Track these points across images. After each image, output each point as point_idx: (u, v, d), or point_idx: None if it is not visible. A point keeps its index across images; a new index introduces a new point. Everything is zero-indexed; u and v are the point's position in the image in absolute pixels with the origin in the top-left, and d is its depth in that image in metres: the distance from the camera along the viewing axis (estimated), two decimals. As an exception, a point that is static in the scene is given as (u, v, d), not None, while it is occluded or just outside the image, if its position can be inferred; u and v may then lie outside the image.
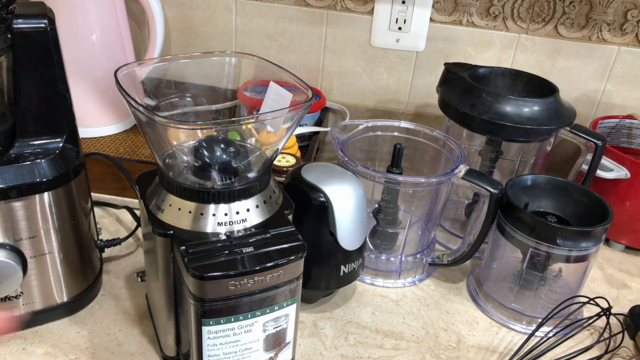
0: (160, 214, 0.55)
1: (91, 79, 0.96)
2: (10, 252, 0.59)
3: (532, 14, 0.99)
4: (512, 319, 0.74)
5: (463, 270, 0.83)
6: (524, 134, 0.78)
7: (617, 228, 0.88)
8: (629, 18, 0.97)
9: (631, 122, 0.99)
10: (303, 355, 0.66)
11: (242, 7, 1.06)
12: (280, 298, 0.55)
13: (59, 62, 0.58)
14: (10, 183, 0.56)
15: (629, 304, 0.78)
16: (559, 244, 0.68)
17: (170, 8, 1.08)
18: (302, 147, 1.00)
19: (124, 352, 0.64)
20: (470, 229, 0.76)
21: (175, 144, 0.58)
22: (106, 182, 0.86)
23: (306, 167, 0.69)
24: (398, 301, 0.76)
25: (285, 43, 1.09)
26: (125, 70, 0.58)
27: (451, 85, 0.85)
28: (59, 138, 0.60)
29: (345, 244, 0.67)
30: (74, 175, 0.61)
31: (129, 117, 1.02)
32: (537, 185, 0.76)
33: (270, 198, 0.58)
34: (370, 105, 1.12)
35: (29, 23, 0.55)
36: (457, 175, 0.73)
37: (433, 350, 0.69)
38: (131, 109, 0.53)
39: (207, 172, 0.56)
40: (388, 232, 0.80)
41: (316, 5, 1.04)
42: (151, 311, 0.68)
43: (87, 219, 0.66)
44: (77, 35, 0.92)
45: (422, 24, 1.03)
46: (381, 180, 0.75)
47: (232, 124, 0.65)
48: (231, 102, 0.71)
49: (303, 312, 0.72)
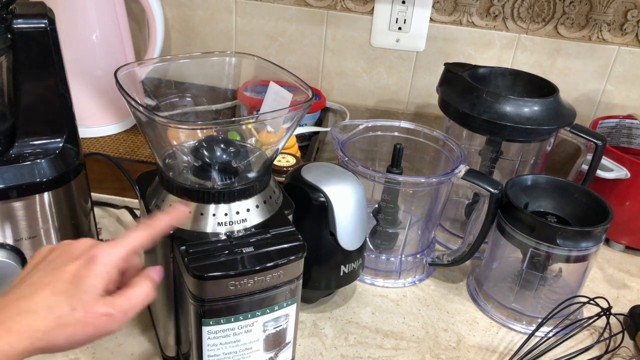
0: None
1: (91, 79, 0.95)
2: (10, 252, 0.59)
3: (532, 14, 0.99)
4: (512, 319, 0.74)
5: (463, 270, 0.83)
6: (524, 134, 0.78)
7: (617, 228, 0.88)
8: (629, 18, 0.97)
9: (631, 122, 0.99)
10: (303, 355, 0.66)
11: (242, 7, 1.06)
12: (280, 298, 0.55)
13: (59, 62, 0.58)
14: (10, 183, 0.56)
15: (629, 304, 0.78)
16: (559, 244, 0.68)
17: (170, 8, 1.08)
18: (302, 147, 1.00)
19: (124, 352, 0.64)
20: (470, 229, 0.76)
21: (175, 144, 0.58)
22: (106, 182, 0.86)
23: (306, 167, 0.69)
24: (398, 301, 0.76)
25: (285, 43, 1.09)
26: (125, 70, 0.58)
27: (451, 85, 0.85)
28: (59, 138, 0.60)
29: (345, 244, 0.67)
30: (74, 175, 0.61)
31: (129, 117, 1.02)
32: (537, 185, 0.76)
33: (270, 198, 0.58)
34: (370, 105, 1.12)
35: (29, 23, 0.55)
36: (457, 175, 0.73)
37: (433, 350, 0.69)
38: (131, 109, 0.53)
39: (207, 172, 0.56)
40: (388, 232, 0.80)
41: (316, 5, 1.04)
42: (151, 311, 0.68)
43: (87, 219, 0.66)
44: (77, 35, 0.92)
45: (422, 24, 1.03)
46: (381, 180, 0.75)
47: (232, 124, 0.65)
48: (231, 102, 0.71)
49: (303, 312, 0.72)
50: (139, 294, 0.44)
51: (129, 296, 0.44)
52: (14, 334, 0.39)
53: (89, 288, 0.42)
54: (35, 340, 0.39)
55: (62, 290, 0.41)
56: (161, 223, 0.48)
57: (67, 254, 0.44)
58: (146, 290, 0.45)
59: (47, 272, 0.43)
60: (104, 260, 0.43)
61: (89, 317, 0.41)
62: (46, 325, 0.40)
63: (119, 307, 0.42)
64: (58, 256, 0.44)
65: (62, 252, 0.44)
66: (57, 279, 0.42)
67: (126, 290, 0.44)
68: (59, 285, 0.42)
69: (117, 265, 0.44)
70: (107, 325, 0.42)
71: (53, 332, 0.40)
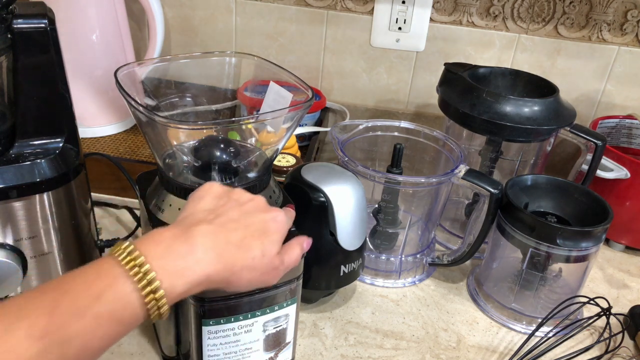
0: (160, 214, 0.55)
1: (91, 79, 0.95)
2: (10, 252, 0.59)
3: (532, 14, 0.99)
4: (512, 319, 0.74)
5: (463, 270, 0.83)
6: (524, 134, 0.78)
7: (617, 228, 0.88)
8: (629, 18, 0.97)
9: (631, 122, 0.99)
10: (303, 355, 0.66)
11: (242, 7, 1.06)
12: (280, 298, 0.55)
13: (59, 62, 0.58)
14: (10, 183, 0.56)
15: (629, 304, 0.78)
16: (559, 244, 0.68)
17: (170, 8, 1.08)
18: (302, 147, 1.00)
19: (124, 352, 0.64)
20: (470, 229, 0.76)
21: (175, 144, 0.58)
22: (106, 182, 0.86)
23: (306, 167, 0.69)
24: (398, 301, 0.76)
25: (285, 43, 1.09)
26: (125, 70, 0.58)
27: (451, 85, 0.85)
28: (59, 138, 0.60)
29: (345, 244, 0.67)
30: (74, 175, 0.61)
31: (129, 117, 1.02)
32: (537, 185, 0.76)
33: (270, 198, 0.58)
34: (370, 105, 1.12)
35: (29, 23, 0.55)
36: (457, 175, 0.73)
37: (433, 350, 0.69)
38: (131, 109, 0.53)
39: (207, 172, 0.56)
40: (388, 232, 0.80)
41: (316, 5, 1.04)
42: (151, 311, 0.68)
43: (87, 219, 0.66)
44: (77, 35, 0.92)
45: (422, 24, 1.03)
46: (381, 180, 0.75)
47: (232, 124, 0.65)
48: (231, 102, 0.71)
49: (303, 312, 0.72)
50: (296, 255, 0.50)
51: (291, 256, 0.49)
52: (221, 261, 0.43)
53: (275, 241, 0.47)
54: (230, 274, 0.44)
55: (258, 235, 0.46)
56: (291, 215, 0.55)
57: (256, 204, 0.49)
58: (300, 252, 0.51)
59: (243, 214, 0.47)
60: (285, 221, 0.49)
61: (269, 266, 0.46)
62: (243, 263, 0.44)
63: (285, 264, 0.48)
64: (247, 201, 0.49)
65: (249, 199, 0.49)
66: (253, 223, 0.47)
67: (287, 251, 0.49)
68: (256, 230, 0.46)
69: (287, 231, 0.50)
70: (274, 277, 0.48)
71: (244, 270, 0.45)
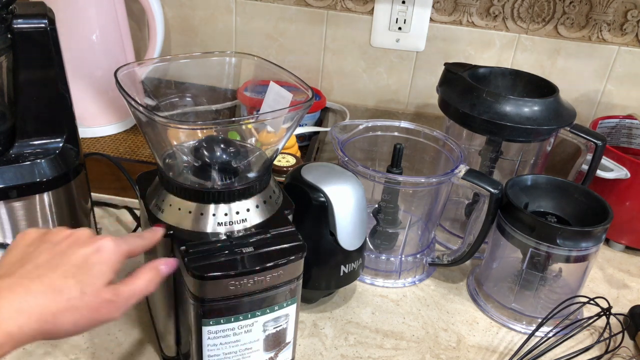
0: (160, 214, 0.55)
1: (91, 79, 0.95)
2: (10, 252, 0.59)
3: (532, 14, 0.99)
4: (512, 319, 0.74)
5: (463, 270, 0.83)
6: (524, 134, 0.78)
7: (617, 228, 0.88)
8: (629, 18, 0.97)
9: (631, 122, 0.99)
10: (303, 355, 0.66)
11: (242, 7, 1.06)
12: (280, 298, 0.55)
13: (59, 62, 0.58)
14: (10, 183, 0.56)
15: (629, 304, 0.78)
16: (559, 244, 0.68)
17: (170, 8, 1.08)
18: (302, 147, 1.00)
19: (124, 352, 0.64)
20: (470, 229, 0.76)
21: (175, 144, 0.58)
22: (106, 182, 0.86)
23: (306, 167, 0.69)
24: (398, 301, 0.76)
25: (285, 43, 1.09)
26: (125, 70, 0.58)
27: (451, 85, 0.85)
28: (59, 138, 0.60)
29: (345, 244, 0.67)
30: (74, 175, 0.61)
31: (129, 117, 1.02)
32: (537, 185, 0.76)
33: (270, 198, 0.58)
34: (370, 105, 1.12)
35: (29, 23, 0.55)
36: (457, 175, 0.73)
37: (433, 350, 0.69)
38: (131, 109, 0.53)
39: (207, 172, 0.56)
40: (388, 232, 0.80)
41: (316, 5, 1.04)
42: (151, 311, 0.68)
43: (87, 219, 0.66)
44: (77, 35, 0.92)
45: (422, 24, 1.03)
46: (381, 180, 0.75)
47: (232, 124, 0.65)
48: (231, 102, 0.71)
49: (303, 312, 0.72)
50: (142, 282, 0.46)
51: (131, 285, 0.45)
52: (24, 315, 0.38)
53: (99, 274, 0.43)
54: (43, 323, 0.39)
55: (72, 274, 0.42)
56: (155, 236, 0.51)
57: (73, 239, 0.44)
58: (151, 277, 0.47)
59: (55, 255, 0.43)
60: (114, 250, 0.44)
61: (96, 302, 0.42)
62: (57, 308, 0.40)
63: (122, 295, 0.44)
64: (63, 240, 0.44)
65: (66, 237, 0.45)
66: (67, 262, 0.42)
67: (129, 280, 0.45)
68: (69, 268, 0.42)
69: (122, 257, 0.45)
70: (110, 312, 0.43)
71: (62, 315, 0.40)
